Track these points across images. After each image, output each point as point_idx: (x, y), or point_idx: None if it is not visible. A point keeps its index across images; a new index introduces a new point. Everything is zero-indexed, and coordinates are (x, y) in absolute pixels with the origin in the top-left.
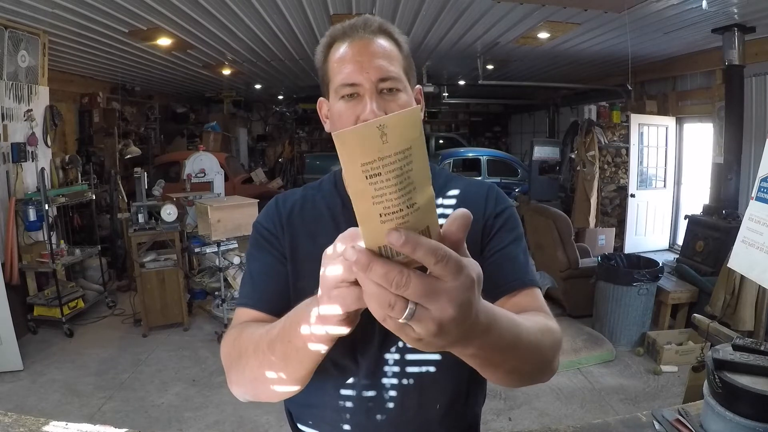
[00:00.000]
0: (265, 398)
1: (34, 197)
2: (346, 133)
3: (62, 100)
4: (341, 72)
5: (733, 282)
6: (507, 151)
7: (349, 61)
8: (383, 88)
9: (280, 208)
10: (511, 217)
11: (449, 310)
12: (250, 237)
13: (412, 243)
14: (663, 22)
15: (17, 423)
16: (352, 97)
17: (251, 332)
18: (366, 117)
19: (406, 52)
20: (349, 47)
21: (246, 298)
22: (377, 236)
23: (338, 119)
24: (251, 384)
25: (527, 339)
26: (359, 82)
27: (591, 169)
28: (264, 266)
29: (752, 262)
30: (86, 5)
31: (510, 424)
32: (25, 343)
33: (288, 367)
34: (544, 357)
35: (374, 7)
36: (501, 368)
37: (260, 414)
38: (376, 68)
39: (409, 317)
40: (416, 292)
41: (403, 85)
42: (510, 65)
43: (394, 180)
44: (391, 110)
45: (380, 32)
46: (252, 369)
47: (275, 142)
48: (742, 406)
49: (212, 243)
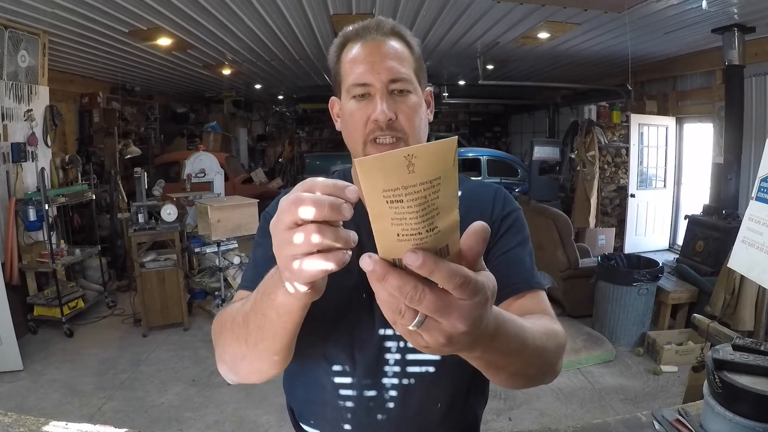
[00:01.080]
0: (246, 375)
1: (34, 197)
2: (369, 161)
3: (62, 100)
4: (353, 72)
5: (733, 282)
6: (507, 151)
7: (361, 61)
8: (394, 89)
9: None
10: (518, 219)
11: (460, 326)
12: (258, 226)
13: (429, 266)
14: (663, 22)
15: (17, 423)
16: (364, 97)
17: (231, 307)
18: (377, 117)
19: (417, 54)
20: (361, 48)
21: (246, 281)
22: (393, 251)
23: (349, 118)
24: (231, 361)
25: (533, 344)
26: (370, 82)
27: (591, 169)
28: (267, 251)
29: (752, 262)
30: (86, 5)
31: (510, 424)
32: (25, 343)
33: (264, 340)
34: (548, 361)
35: (374, 7)
36: (505, 371)
37: (260, 414)
38: (388, 69)
39: (418, 325)
40: (429, 308)
41: (414, 87)
42: (510, 65)
43: (416, 208)
44: (401, 111)
45: (392, 34)
46: (231, 344)
47: (275, 142)
48: (742, 406)
49: (212, 243)
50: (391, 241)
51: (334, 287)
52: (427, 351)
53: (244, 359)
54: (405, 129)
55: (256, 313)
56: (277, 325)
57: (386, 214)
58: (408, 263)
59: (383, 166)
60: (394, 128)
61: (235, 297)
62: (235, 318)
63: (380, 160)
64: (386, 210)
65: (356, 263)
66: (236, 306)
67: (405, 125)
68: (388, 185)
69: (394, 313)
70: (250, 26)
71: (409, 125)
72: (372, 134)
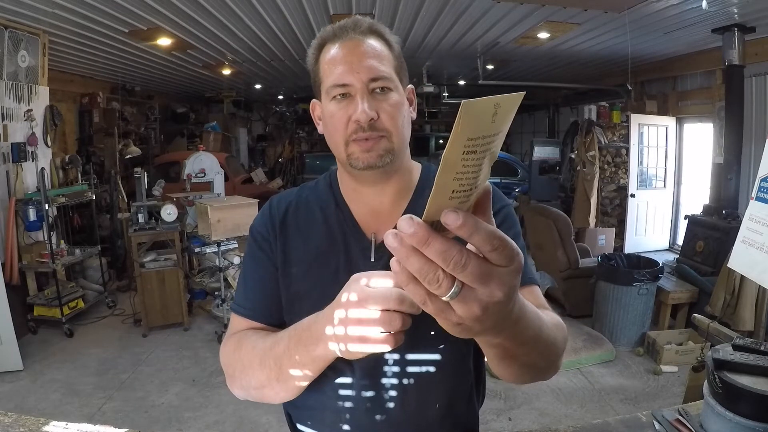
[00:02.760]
0: (270, 400)
1: (34, 197)
2: (474, 103)
3: (62, 100)
4: (332, 73)
5: (733, 282)
6: (507, 151)
7: (340, 62)
8: (374, 88)
9: (274, 212)
10: (509, 215)
11: (498, 294)
12: (247, 240)
13: (469, 227)
14: (663, 22)
15: (17, 423)
16: (344, 97)
17: (253, 344)
18: (358, 117)
19: (397, 52)
20: (339, 48)
21: (240, 306)
22: (438, 211)
23: (330, 119)
24: (257, 391)
25: (546, 333)
26: (350, 82)
27: (591, 169)
28: (257, 273)
29: (752, 262)
30: (86, 5)
31: (510, 424)
32: (25, 343)
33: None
34: (557, 352)
35: (374, 7)
36: (518, 361)
37: (260, 414)
38: (367, 68)
39: (454, 296)
40: (473, 274)
41: (395, 85)
42: (510, 65)
43: (481, 161)
44: (382, 110)
45: (370, 32)
46: (259, 380)
47: (275, 142)
48: (742, 406)
49: (212, 243)
50: (443, 198)
51: (324, 295)
52: (456, 330)
53: (273, 390)
54: (387, 128)
55: (290, 360)
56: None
57: (455, 166)
58: (447, 222)
59: (479, 110)
60: (375, 128)
61: (232, 322)
62: (264, 360)
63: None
64: (458, 161)
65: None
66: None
67: (387, 124)
68: (475, 132)
69: (430, 283)
70: (250, 26)
71: (391, 123)
72: (354, 135)
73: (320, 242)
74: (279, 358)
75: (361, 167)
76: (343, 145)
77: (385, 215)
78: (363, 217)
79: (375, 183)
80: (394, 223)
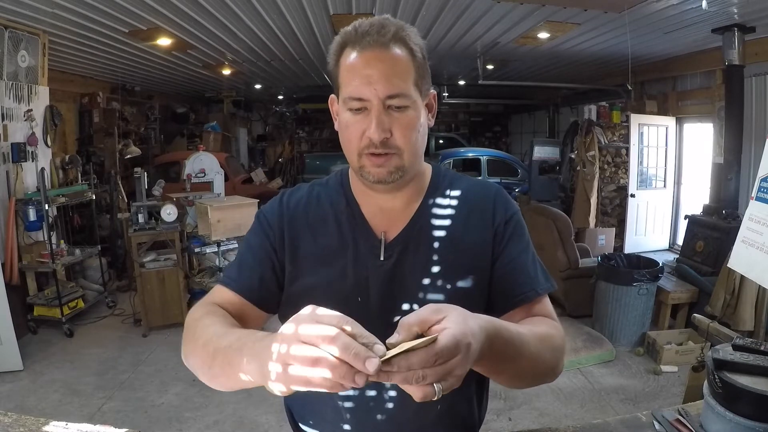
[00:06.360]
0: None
1: (34, 197)
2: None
3: (62, 100)
4: (350, 84)
5: (733, 282)
6: (507, 151)
7: (358, 73)
8: (391, 105)
9: (284, 205)
10: (519, 223)
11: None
12: (252, 224)
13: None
14: (663, 22)
15: (17, 423)
16: (360, 111)
17: (212, 322)
18: (371, 135)
19: (420, 58)
20: (359, 57)
21: (228, 279)
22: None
23: (345, 129)
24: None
25: (528, 351)
26: (367, 97)
27: (591, 169)
28: (255, 252)
29: (752, 262)
30: (86, 5)
31: (510, 424)
32: (25, 343)
33: (223, 377)
34: (545, 365)
35: (374, 7)
36: (505, 374)
37: (260, 414)
38: (385, 84)
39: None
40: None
41: (412, 101)
42: (510, 65)
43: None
44: (396, 127)
45: (394, 40)
46: (195, 359)
47: (275, 142)
48: (742, 406)
49: (212, 243)
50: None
51: (330, 292)
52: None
53: (204, 376)
54: (400, 146)
55: (225, 359)
56: (240, 382)
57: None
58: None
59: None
60: (388, 145)
61: (214, 291)
62: (207, 345)
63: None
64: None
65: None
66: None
67: (400, 142)
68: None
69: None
70: (250, 26)
71: (404, 141)
72: (367, 149)
73: (329, 239)
74: (216, 352)
75: (372, 181)
76: (356, 155)
77: (396, 216)
78: (373, 216)
79: (386, 192)
80: (404, 224)
